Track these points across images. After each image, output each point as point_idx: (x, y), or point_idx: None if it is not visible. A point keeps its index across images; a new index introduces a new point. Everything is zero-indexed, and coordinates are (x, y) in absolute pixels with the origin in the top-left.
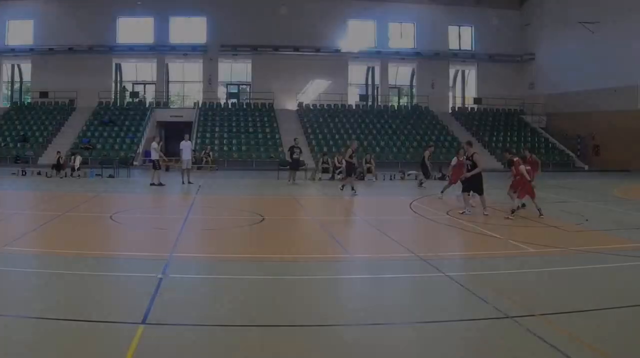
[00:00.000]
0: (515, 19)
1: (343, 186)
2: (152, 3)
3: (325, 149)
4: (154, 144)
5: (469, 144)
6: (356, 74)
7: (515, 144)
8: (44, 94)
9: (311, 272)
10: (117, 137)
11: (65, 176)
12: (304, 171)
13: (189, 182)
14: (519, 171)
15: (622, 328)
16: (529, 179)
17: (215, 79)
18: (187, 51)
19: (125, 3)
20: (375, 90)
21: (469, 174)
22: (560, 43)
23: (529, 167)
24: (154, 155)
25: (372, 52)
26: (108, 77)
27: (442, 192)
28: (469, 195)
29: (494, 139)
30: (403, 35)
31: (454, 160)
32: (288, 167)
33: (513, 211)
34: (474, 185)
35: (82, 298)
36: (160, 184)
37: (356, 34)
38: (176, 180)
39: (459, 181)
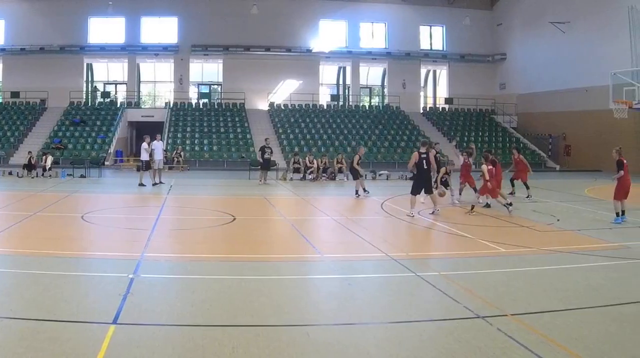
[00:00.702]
0: (486, 19)
1: (357, 191)
2: (123, 3)
3: (296, 149)
4: (144, 145)
5: (428, 143)
6: (327, 74)
7: (487, 143)
8: (15, 94)
9: (282, 272)
10: (88, 137)
11: (37, 176)
12: (275, 171)
13: (161, 182)
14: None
15: (594, 329)
16: (487, 178)
17: (187, 78)
18: (159, 51)
19: (97, 3)
20: (347, 90)
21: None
22: (531, 43)
23: (490, 167)
24: (144, 156)
25: (344, 52)
26: (79, 77)
27: (459, 193)
28: (419, 195)
29: (465, 139)
30: (374, 35)
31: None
32: (259, 167)
33: (472, 207)
34: (424, 185)
35: (53, 298)
36: (141, 184)
37: (328, 34)
38: (147, 180)
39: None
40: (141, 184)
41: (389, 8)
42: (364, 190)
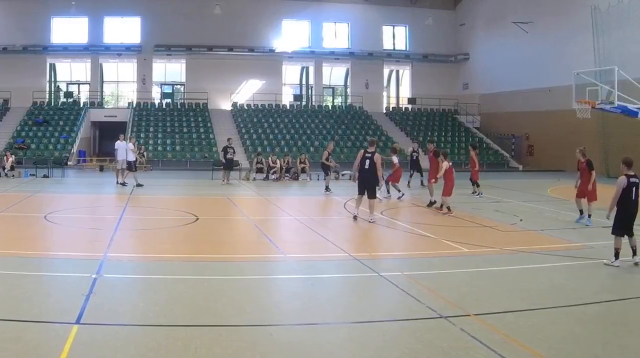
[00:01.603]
0: (449, 19)
1: (327, 186)
2: (86, 3)
3: (259, 149)
4: (130, 145)
5: (372, 142)
6: (290, 73)
7: (450, 144)
8: None
9: (245, 272)
10: (51, 137)
11: None
12: (238, 171)
13: (124, 183)
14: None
15: (557, 328)
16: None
17: (150, 78)
18: (121, 51)
19: (60, 3)
20: (310, 90)
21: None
22: (494, 43)
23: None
24: (131, 157)
25: (307, 52)
26: (42, 77)
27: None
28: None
29: (428, 138)
30: (337, 35)
31: (446, 164)
32: (222, 167)
33: (442, 206)
34: (364, 186)
35: (16, 299)
36: (123, 184)
37: (290, 34)
38: (110, 180)
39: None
40: (123, 184)
41: (351, 8)
42: (327, 188)
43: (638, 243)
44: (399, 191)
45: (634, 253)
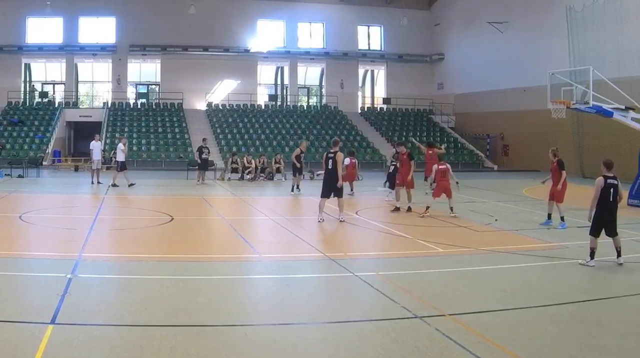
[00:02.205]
0: (424, 19)
1: (293, 187)
2: (61, 3)
3: (234, 149)
4: (121, 146)
5: (335, 142)
6: (265, 73)
7: (425, 144)
8: None
9: (220, 272)
10: (26, 137)
11: None
12: (213, 171)
13: (99, 182)
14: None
15: (532, 328)
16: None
17: (125, 78)
18: (96, 51)
19: (35, 3)
20: (285, 90)
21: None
22: (469, 43)
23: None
24: (121, 157)
25: (282, 52)
26: (17, 77)
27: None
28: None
29: (403, 139)
30: (312, 35)
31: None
32: (197, 167)
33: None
34: (329, 186)
35: None
36: (111, 184)
37: (266, 34)
38: (85, 180)
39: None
40: (114, 185)
41: (326, 8)
42: (297, 187)
43: (622, 244)
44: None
45: (618, 254)
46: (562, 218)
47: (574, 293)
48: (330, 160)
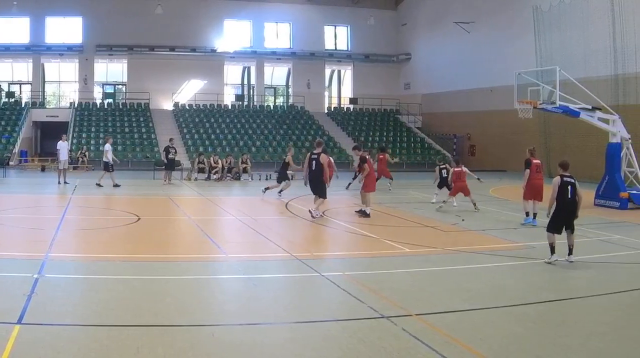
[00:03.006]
0: (391, 19)
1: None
2: (27, 3)
3: (201, 149)
4: (107, 146)
5: (319, 143)
6: (232, 73)
7: (391, 144)
8: None
9: (187, 272)
10: None
11: None
12: (180, 171)
13: (65, 182)
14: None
15: (498, 329)
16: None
17: (91, 78)
18: (63, 51)
19: (1, 3)
20: (251, 90)
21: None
22: (436, 43)
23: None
24: (108, 157)
25: (248, 52)
26: None
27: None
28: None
29: (370, 139)
30: (279, 35)
31: (452, 169)
32: (164, 167)
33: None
34: (312, 186)
35: None
36: (99, 185)
37: (232, 34)
38: (52, 180)
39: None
40: (99, 184)
41: (293, 8)
42: (267, 188)
43: (589, 244)
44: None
45: (570, 251)
46: (526, 214)
47: (540, 293)
48: (314, 161)
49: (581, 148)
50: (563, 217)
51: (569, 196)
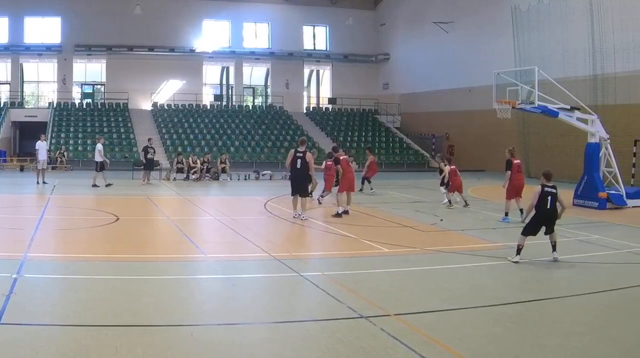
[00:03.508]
0: (370, 19)
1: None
2: (6, 3)
3: (179, 149)
4: (99, 146)
5: (302, 141)
6: (211, 73)
7: (370, 143)
8: None
9: (166, 272)
10: None
11: None
12: (159, 171)
13: (44, 182)
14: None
15: (477, 329)
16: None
17: (70, 79)
18: (42, 51)
19: None
20: (230, 90)
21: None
22: (414, 43)
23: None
24: (98, 157)
25: (227, 52)
26: None
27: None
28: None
29: (349, 138)
30: (258, 35)
31: (447, 168)
32: (142, 167)
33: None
34: (295, 185)
35: None
36: (95, 185)
37: (211, 34)
38: (31, 180)
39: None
40: (95, 185)
41: (272, 8)
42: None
43: (568, 244)
44: (458, 201)
45: (554, 248)
46: (506, 214)
47: (519, 293)
48: (299, 160)
49: (560, 148)
50: (540, 225)
51: (548, 206)
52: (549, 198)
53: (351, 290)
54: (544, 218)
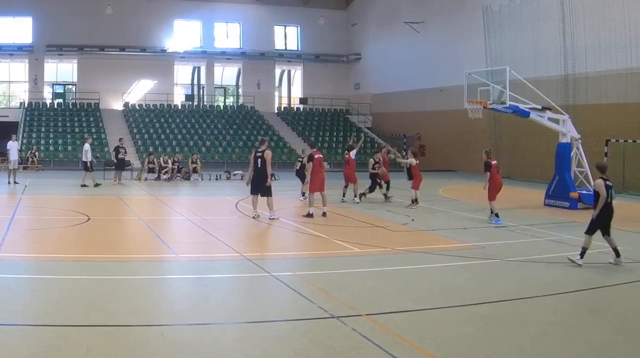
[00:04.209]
0: (341, 19)
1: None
2: None
3: (151, 149)
4: (87, 146)
5: (263, 141)
6: (182, 73)
7: (341, 144)
8: None
9: (137, 272)
10: None
11: None
12: (130, 171)
13: (15, 182)
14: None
15: (449, 328)
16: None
17: (41, 79)
18: (13, 51)
19: None
20: (201, 90)
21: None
22: (386, 43)
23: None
24: (88, 157)
25: (198, 52)
26: None
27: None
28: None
29: (320, 139)
30: (229, 35)
31: (413, 161)
32: (113, 167)
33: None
34: (255, 184)
35: None
36: (84, 185)
37: (182, 34)
38: (2, 180)
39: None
40: (84, 185)
41: (243, 8)
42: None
43: (539, 244)
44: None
45: (617, 254)
46: (496, 215)
47: (490, 293)
48: (259, 159)
49: (531, 148)
50: (605, 219)
51: (609, 199)
52: (611, 191)
53: (322, 290)
54: (608, 213)
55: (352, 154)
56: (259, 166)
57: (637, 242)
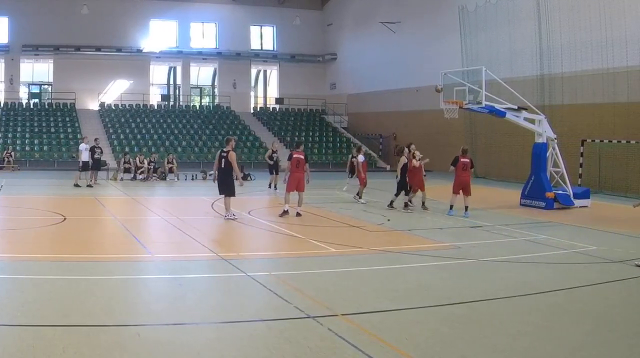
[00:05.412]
0: (317, 19)
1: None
2: None
3: (127, 149)
4: (82, 146)
5: (228, 140)
6: (158, 73)
7: (317, 144)
8: None
9: (113, 272)
10: None
11: None
12: (106, 171)
13: (76, 184)
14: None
15: (425, 328)
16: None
17: (17, 79)
18: None
19: None
20: (177, 90)
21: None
22: (362, 43)
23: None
24: (84, 157)
25: (174, 52)
26: None
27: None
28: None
29: (296, 138)
30: (205, 35)
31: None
32: (90, 167)
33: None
34: (220, 184)
35: None
36: (76, 185)
37: (158, 34)
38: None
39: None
40: (77, 185)
41: (219, 8)
42: (274, 186)
43: (515, 244)
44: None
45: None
46: (450, 207)
47: (466, 293)
48: (224, 159)
49: (507, 148)
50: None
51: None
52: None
53: (298, 290)
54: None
55: (360, 158)
56: (223, 166)
57: (612, 242)
